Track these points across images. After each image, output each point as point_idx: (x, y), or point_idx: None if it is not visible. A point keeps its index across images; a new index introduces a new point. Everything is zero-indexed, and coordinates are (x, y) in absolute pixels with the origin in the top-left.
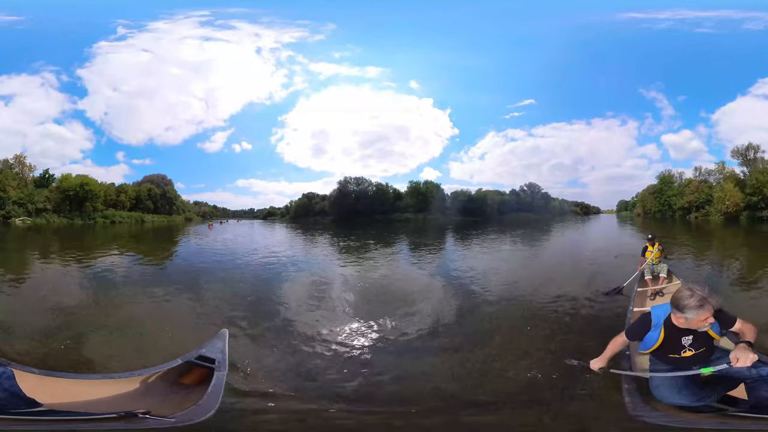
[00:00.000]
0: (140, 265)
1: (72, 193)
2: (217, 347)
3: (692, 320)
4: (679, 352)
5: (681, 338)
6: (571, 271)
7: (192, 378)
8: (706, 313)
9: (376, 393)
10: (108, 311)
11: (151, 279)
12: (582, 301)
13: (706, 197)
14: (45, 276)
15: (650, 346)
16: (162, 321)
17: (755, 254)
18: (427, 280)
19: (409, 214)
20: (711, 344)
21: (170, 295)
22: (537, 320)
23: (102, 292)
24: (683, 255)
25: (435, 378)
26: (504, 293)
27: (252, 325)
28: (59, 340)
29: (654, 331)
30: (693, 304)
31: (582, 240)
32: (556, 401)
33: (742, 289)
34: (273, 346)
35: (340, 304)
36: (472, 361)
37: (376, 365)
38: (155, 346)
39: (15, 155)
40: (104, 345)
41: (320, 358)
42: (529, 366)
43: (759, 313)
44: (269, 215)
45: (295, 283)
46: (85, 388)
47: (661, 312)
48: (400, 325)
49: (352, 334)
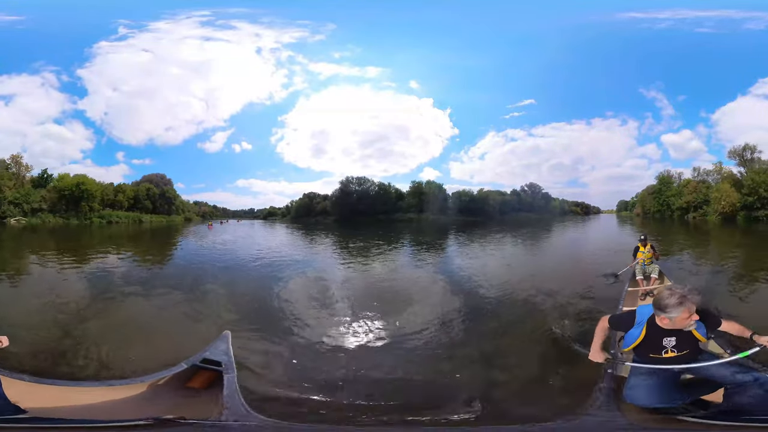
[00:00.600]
0: (138, 267)
1: (68, 193)
2: (221, 349)
3: (676, 319)
4: (661, 353)
5: (663, 339)
6: (574, 268)
7: (199, 382)
8: (687, 311)
9: (382, 393)
10: (101, 315)
11: (146, 281)
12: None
13: (703, 197)
14: (35, 278)
15: (630, 343)
16: (159, 325)
17: (747, 252)
18: (457, 278)
19: (411, 214)
20: (696, 347)
21: (167, 298)
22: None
23: (91, 295)
24: (678, 252)
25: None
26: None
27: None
28: (49, 345)
29: (636, 329)
30: (673, 302)
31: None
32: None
33: (738, 287)
34: (294, 352)
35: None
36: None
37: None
38: (155, 351)
39: (11, 155)
40: (98, 351)
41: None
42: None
43: (749, 312)
44: (270, 215)
45: (309, 286)
46: (81, 395)
47: (646, 311)
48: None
49: (387, 336)
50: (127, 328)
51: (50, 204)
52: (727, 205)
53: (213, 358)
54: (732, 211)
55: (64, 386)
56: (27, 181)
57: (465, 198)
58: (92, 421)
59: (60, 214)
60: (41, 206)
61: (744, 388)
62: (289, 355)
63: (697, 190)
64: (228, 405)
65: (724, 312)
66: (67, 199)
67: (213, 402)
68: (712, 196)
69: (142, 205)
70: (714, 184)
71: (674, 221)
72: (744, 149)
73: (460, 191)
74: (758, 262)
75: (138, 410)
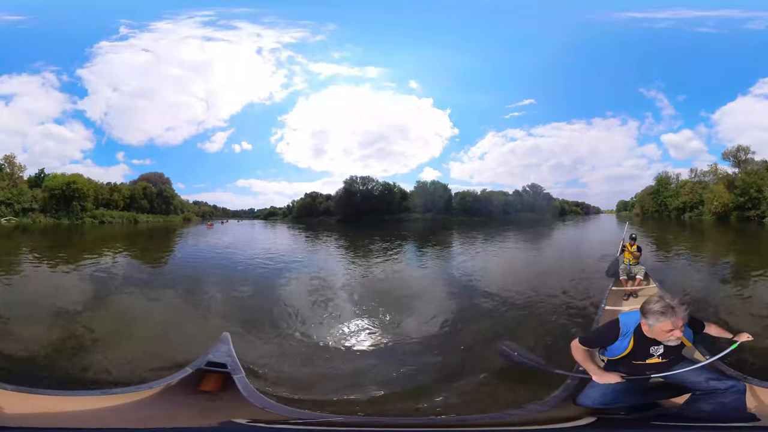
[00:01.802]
0: (131, 267)
1: (58, 193)
2: (223, 351)
3: (653, 328)
4: (645, 360)
5: (650, 347)
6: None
7: (210, 385)
8: (667, 323)
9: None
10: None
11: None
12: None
13: (699, 198)
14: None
15: (617, 354)
16: (147, 329)
17: (720, 249)
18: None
19: (417, 214)
20: (680, 353)
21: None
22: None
23: (83, 298)
24: (666, 246)
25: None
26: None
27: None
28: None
29: (623, 340)
30: (655, 310)
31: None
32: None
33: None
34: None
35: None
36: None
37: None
38: (151, 355)
39: (5, 155)
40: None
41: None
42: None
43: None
44: (271, 215)
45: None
46: (77, 404)
47: (630, 320)
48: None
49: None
50: (117, 332)
51: (42, 204)
52: (719, 205)
53: (217, 361)
54: (725, 211)
55: (61, 396)
56: (23, 181)
57: (469, 198)
58: (99, 430)
59: (51, 213)
60: (32, 206)
61: (713, 395)
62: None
63: (693, 191)
64: (260, 405)
65: (707, 316)
66: (57, 199)
67: (232, 404)
68: (705, 197)
69: (139, 204)
70: (711, 185)
71: (671, 220)
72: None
73: (463, 192)
74: (730, 251)
75: (150, 418)
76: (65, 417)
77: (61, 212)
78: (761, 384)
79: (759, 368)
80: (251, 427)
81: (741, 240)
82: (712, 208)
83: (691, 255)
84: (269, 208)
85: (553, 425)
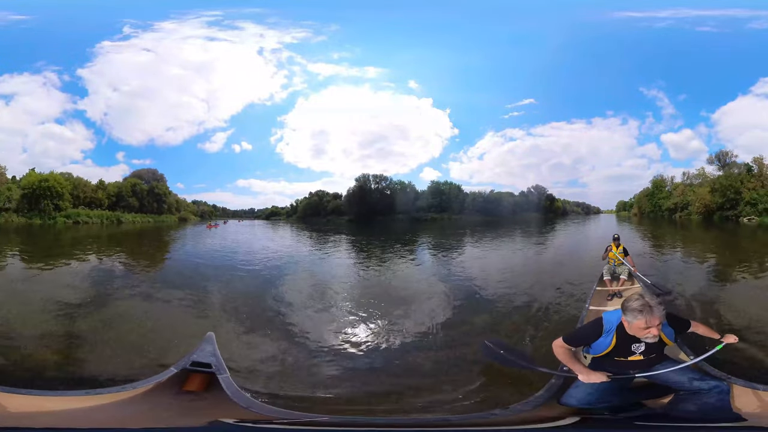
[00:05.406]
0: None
1: (29, 192)
2: (207, 351)
3: (631, 325)
4: (627, 357)
5: (632, 345)
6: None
7: (195, 385)
8: (644, 321)
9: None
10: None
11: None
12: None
13: (688, 200)
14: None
15: (600, 351)
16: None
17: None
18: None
19: (432, 214)
20: (662, 351)
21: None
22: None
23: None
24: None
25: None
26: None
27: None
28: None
29: (606, 337)
30: (634, 307)
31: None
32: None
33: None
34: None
35: None
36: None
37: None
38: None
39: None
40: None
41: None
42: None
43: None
44: (273, 215)
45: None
46: (61, 404)
47: (613, 318)
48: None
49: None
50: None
51: (16, 203)
52: (701, 207)
53: (202, 360)
54: (707, 211)
55: (46, 396)
56: (5, 180)
57: (479, 199)
58: (85, 430)
59: (23, 213)
60: (6, 206)
61: (697, 395)
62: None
63: (684, 193)
64: (245, 405)
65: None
66: (29, 198)
67: (217, 403)
68: (689, 199)
69: (127, 203)
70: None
71: (664, 220)
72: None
73: (475, 192)
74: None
75: (135, 417)
76: (50, 417)
77: (33, 212)
78: (745, 384)
79: (743, 368)
80: (238, 427)
81: (722, 237)
82: (695, 210)
83: (671, 249)
84: (271, 208)
85: (537, 425)
